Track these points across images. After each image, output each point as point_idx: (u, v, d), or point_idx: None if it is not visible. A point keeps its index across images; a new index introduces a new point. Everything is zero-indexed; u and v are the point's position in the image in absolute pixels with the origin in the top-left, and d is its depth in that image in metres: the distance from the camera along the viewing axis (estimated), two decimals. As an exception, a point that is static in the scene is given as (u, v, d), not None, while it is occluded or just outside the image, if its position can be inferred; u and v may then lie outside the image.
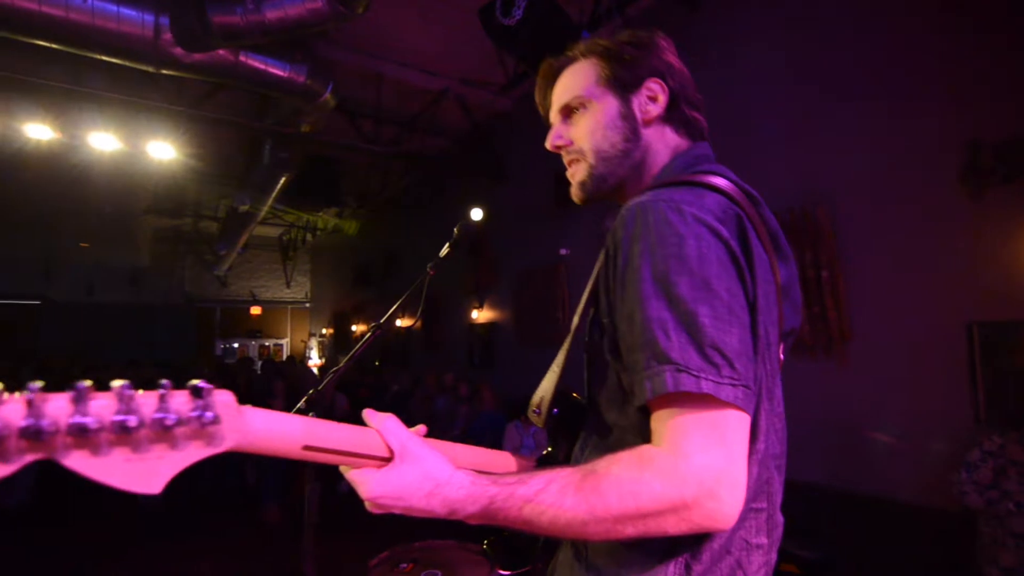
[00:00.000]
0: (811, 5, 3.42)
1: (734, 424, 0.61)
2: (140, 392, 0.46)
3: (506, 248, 6.44)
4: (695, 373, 0.59)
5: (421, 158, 6.58)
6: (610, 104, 0.85)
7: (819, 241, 3.23)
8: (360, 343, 1.34)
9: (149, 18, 3.56)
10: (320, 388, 1.37)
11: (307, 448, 0.59)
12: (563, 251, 5.47)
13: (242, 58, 4.01)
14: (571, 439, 0.89)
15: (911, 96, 2.93)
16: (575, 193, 0.90)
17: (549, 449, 0.94)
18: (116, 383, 0.44)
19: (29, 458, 0.41)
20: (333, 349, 12.16)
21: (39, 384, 0.41)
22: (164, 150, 5.35)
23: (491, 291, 6.81)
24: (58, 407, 0.41)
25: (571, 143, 0.88)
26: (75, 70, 4.34)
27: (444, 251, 1.38)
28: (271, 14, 3.46)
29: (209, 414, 0.48)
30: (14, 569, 3.81)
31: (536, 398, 0.89)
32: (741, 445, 0.61)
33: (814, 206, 3.27)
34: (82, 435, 0.42)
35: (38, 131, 4.84)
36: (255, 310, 13.59)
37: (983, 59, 2.68)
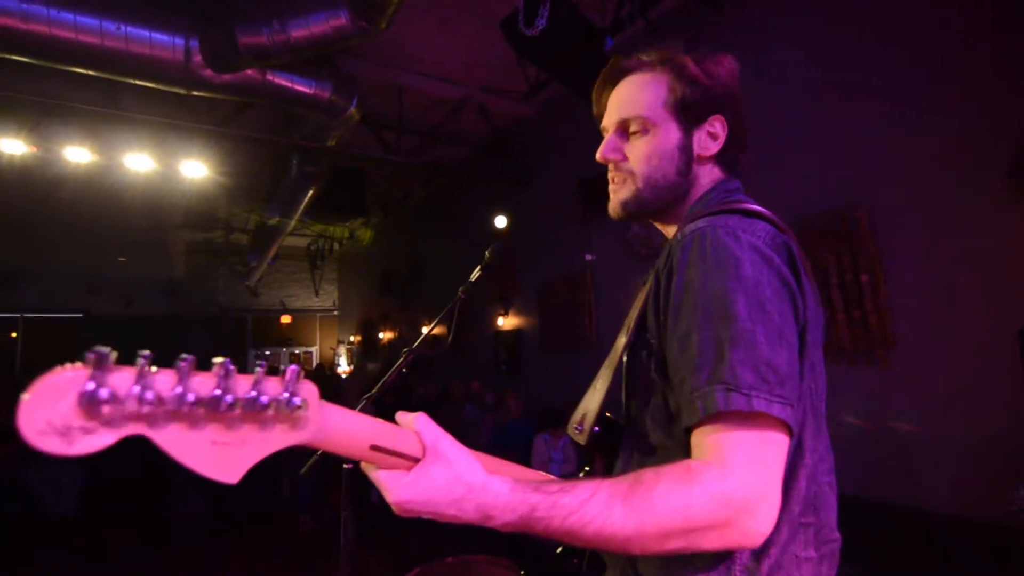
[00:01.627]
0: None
1: (777, 444, 0.62)
2: (237, 372, 0.47)
3: (531, 254, 6.41)
4: (746, 392, 0.61)
5: (443, 167, 6.61)
6: (672, 134, 0.85)
7: (858, 244, 3.12)
8: (392, 368, 1.34)
9: (180, 42, 3.66)
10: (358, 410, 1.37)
11: (374, 448, 0.59)
12: (589, 257, 5.41)
13: (269, 77, 4.08)
14: (609, 459, 0.89)
15: (955, 92, 2.80)
16: (614, 209, 0.90)
17: (587, 469, 0.93)
18: (218, 360, 0.46)
19: (131, 429, 0.42)
20: (361, 356, 12.31)
21: (147, 354, 0.43)
22: (196, 168, 5.50)
23: (516, 297, 6.79)
24: (164, 380, 0.44)
25: (625, 160, 0.88)
26: (110, 94, 4.48)
27: (475, 275, 1.37)
28: (296, 33, 3.52)
29: (297, 399, 0.49)
30: (59, 572, 3.95)
31: (578, 415, 0.89)
32: (780, 467, 0.63)
33: (852, 208, 3.16)
34: (180, 408, 0.43)
35: (76, 154, 5.02)
36: (285, 319, 13.84)
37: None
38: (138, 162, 5.26)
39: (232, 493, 5.37)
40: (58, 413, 0.40)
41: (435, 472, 0.61)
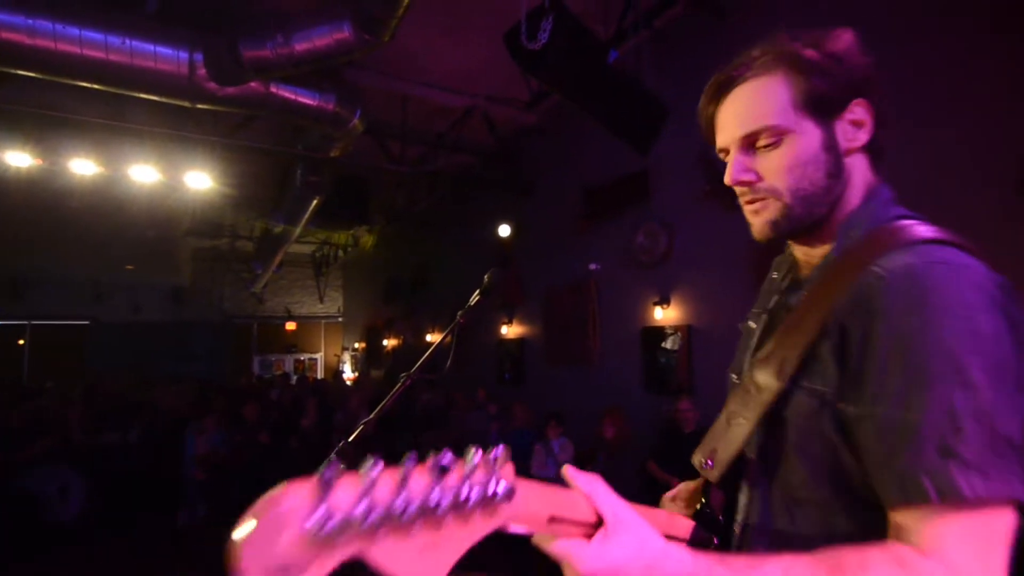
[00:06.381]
0: (847, 6, 3.29)
1: (1006, 535, 0.55)
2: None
3: (535, 262, 6.39)
4: (986, 471, 0.53)
5: (448, 176, 6.62)
6: (811, 134, 0.72)
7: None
8: (390, 395, 1.32)
9: (184, 55, 3.67)
10: (350, 439, 1.36)
11: (552, 520, 0.54)
12: (593, 266, 5.39)
13: (273, 89, 4.10)
14: (729, 493, 0.82)
15: (964, 102, 2.76)
16: (761, 231, 0.77)
17: (703, 501, 0.85)
18: (433, 457, 0.42)
19: (351, 552, 0.36)
20: (366, 363, 12.30)
21: (378, 465, 0.38)
22: (201, 179, 5.51)
23: (520, 306, 6.77)
24: (384, 490, 0.38)
25: (760, 179, 0.75)
26: (116, 106, 4.51)
27: (474, 299, 1.35)
28: (300, 46, 3.53)
29: (505, 487, 0.45)
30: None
31: (706, 448, 0.79)
32: (1006, 561, 0.55)
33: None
34: (401, 521, 0.38)
35: (81, 166, 5.04)
36: (290, 325, 13.88)
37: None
38: (143, 174, 5.29)
39: (234, 500, 5.38)
40: (279, 551, 0.34)
41: (623, 541, 0.56)
